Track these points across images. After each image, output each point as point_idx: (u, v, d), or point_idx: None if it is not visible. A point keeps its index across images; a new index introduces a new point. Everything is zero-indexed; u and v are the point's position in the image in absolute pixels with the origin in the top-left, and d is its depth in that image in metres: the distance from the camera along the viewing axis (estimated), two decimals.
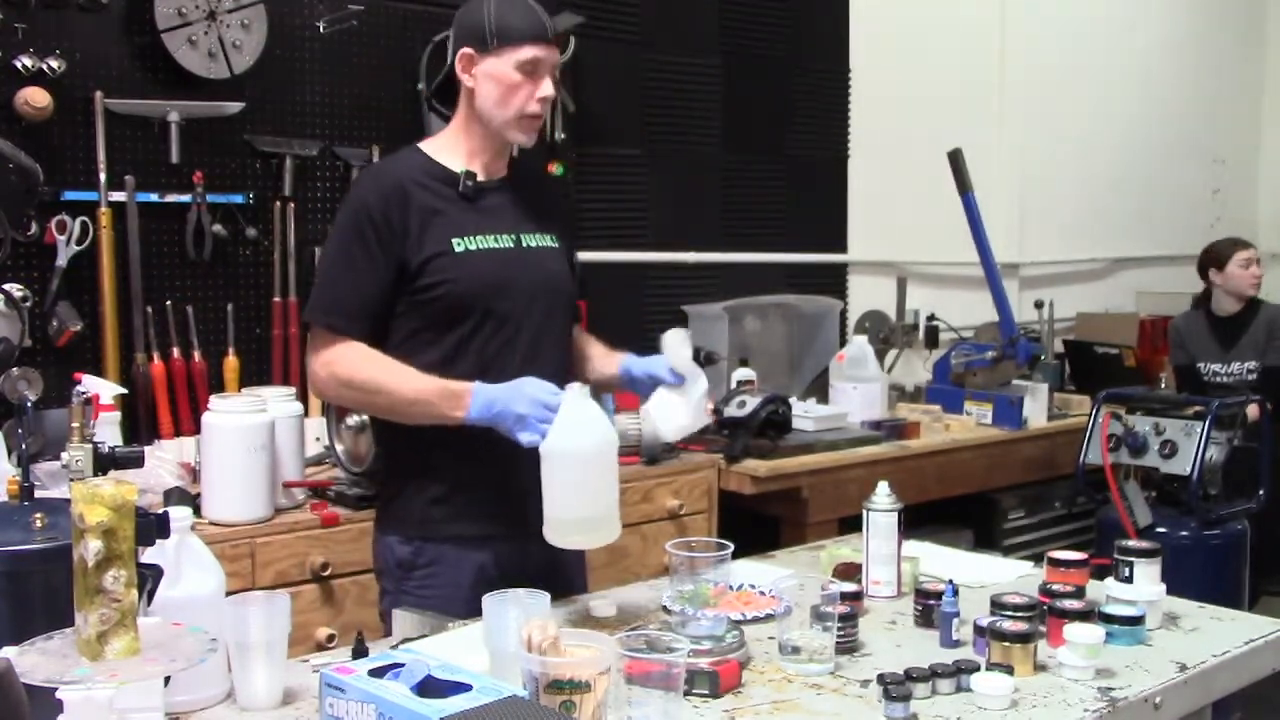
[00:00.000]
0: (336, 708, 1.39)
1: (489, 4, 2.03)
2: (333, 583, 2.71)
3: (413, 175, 2.06)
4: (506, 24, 2.01)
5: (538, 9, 2.04)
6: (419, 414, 1.96)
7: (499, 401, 1.89)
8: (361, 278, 1.99)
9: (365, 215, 2.00)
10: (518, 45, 2.01)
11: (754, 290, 4.34)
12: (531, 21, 2.02)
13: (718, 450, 3.48)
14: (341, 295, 2.00)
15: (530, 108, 2.04)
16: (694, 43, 4.23)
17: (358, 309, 1.98)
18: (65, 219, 2.88)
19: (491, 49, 2.02)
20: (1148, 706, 1.72)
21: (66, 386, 2.73)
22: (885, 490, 2.15)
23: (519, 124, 2.06)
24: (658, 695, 1.52)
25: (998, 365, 4.24)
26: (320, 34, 3.29)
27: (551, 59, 2.06)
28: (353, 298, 1.99)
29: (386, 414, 2.02)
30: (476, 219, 2.06)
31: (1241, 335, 4.59)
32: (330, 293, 2.01)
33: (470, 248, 2.03)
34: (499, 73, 2.02)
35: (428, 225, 2.01)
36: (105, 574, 1.34)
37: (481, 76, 2.04)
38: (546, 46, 2.04)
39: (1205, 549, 3.67)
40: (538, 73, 2.03)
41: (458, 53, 2.05)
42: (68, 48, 2.90)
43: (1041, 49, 5.45)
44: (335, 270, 2.02)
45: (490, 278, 2.03)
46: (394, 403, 1.97)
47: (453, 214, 2.04)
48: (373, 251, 1.98)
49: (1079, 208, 5.75)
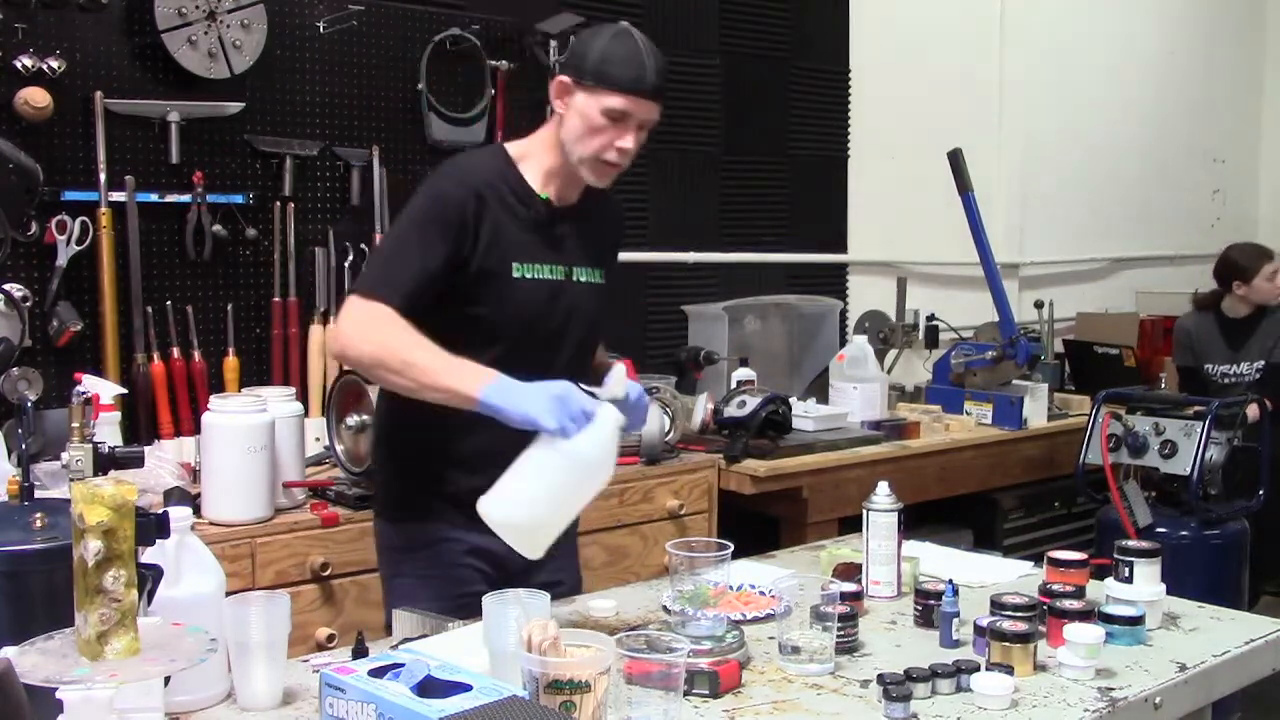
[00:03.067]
0: (336, 708, 1.39)
1: (601, 39, 2.00)
2: (333, 583, 2.71)
3: (494, 183, 2.03)
4: (607, 67, 1.98)
5: (648, 63, 2.00)
6: (438, 378, 1.86)
7: (521, 390, 1.81)
8: (425, 261, 1.96)
9: (444, 206, 1.98)
10: (611, 91, 1.97)
11: (754, 290, 4.35)
12: (633, 73, 1.98)
13: (718, 450, 3.48)
14: (399, 272, 1.96)
15: (607, 154, 2.01)
16: (694, 43, 4.24)
17: (411, 289, 1.94)
18: (65, 219, 2.88)
19: (586, 85, 1.99)
20: (1148, 706, 1.72)
21: (66, 386, 2.73)
22: (885, 490, 2.15)
23: (593, 165, 2.03)
24: (658, 695, 1.52)
25: (998, 365, 4.24)
26: (320, 34, 3.29)
27: (643, 114, 2.01)
28: (409, 277, 1.95)
29: (402, 375, 1.90)
30: (539, 245, 2.06)
31: (1251, 336, 4.59)
32: (389, 269, 1.97)
33: (526, 275, 2.04)
34: (586, 111, 2.00)
35: (496, 240, 2.00)
36: (105, 574, 1.34)
37: (571, 108, 2.02)
38: (641, 101, 1.99)
39: (1205, 549, 3.67)
40: (624, 123, 2.00)
41: (559, 74, 2.03)
42: (68, 48, 2.90)
43: (1041, 49, 5.45)
44: (401, 249, 1.99)
45: (534, 308, 2.04)
46: (417, 365, 1.87)
47: (520, 235, 2.03)
48: (442, 240, 1.96)
49: (1079, 208, 5.75)
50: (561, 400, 1.78)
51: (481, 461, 2.00)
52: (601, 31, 2.03)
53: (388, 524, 2.15)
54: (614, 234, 2.29)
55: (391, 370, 1.90)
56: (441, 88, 3.51)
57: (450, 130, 3.51)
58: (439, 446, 2.07)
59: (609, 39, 2.00)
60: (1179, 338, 4.79)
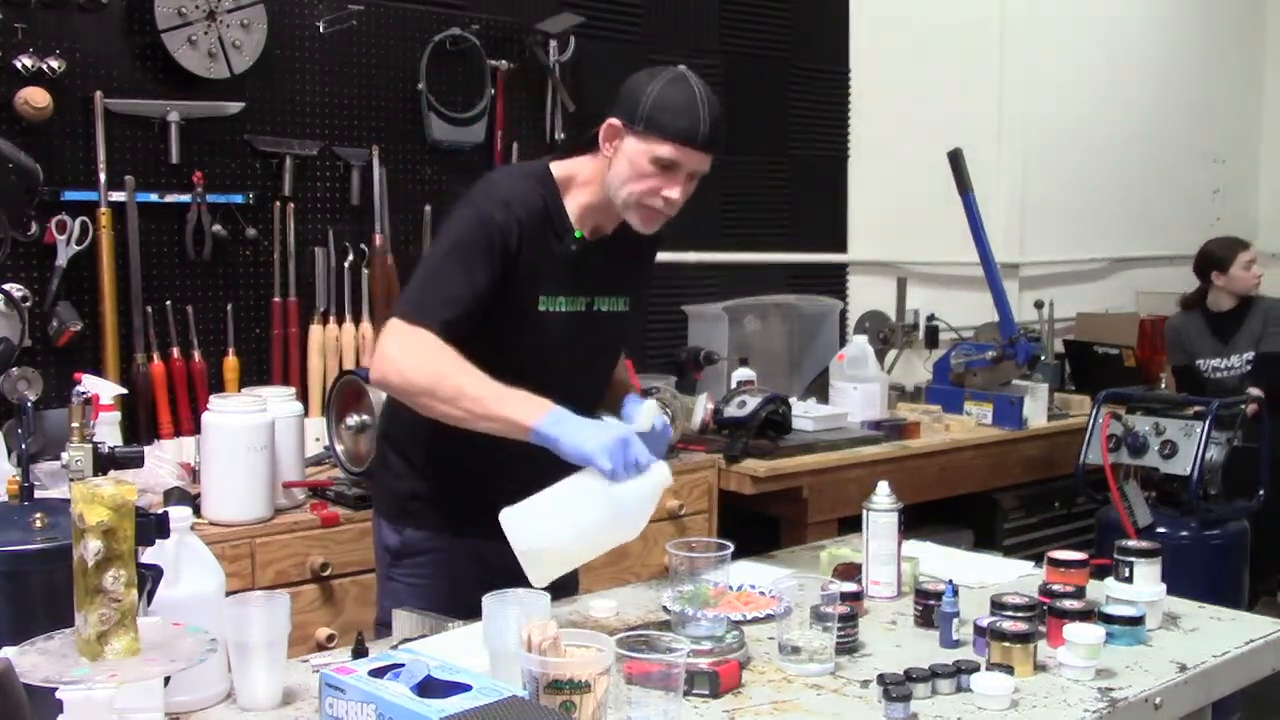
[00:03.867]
0: (336, 708, 1.39)
1: (656, 85, 1.93)
2: (333, 583, 2.71)
3: (537, 213, 1.98)
4: (660, 114, 1.91)
5: (703, 113, 1.92)
6: (491, 407, 1.83)
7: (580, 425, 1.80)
8: (469, 287, 1.91)
9: (489, 231, 1.93)
10: (661, 139, 1.91)
11: (754, 290, 4.35)
12: (686, 123, 1.91)
13: (718, 450, 3.48)
14: (442, 297, 1.91)
15: (652, 201, 1.96)
16: (694, 43, 4.23)
17: (455, 316, 1.90)
18: (65, 219, 2.88)
19: (637, 129, 1.92)
20: (1148, 706, 1.72)
21: (66, 386, 2.73)
22: (885, 490, 2.15)
23: (637, 210, 1.97)
24: (658, 695, 1.52)
25: (998, 365, 4.24)
26: (320, 34, 3.29)
27: (693, 165, 1.94)
28: (454, 302, 1.90)
29: (453, 404, 1.86)
30: (564, 278, 2.02)
31: (1239, 329, 4.61)
32: (432, 293, 1.92)
33: (550, 308, 2.01)
34: (635, 157, 1.93)
35: (529, 272, 1.97)
36: (105, 574, 1.34)
37: (619, 152, 1.95)
38: (691, 152, 1.92)
39: (1205, 549, 3.67)
40: (673, 172, 1.94)
41: (610, 116, 1.97)
42: (68, 48, 2.89)
43: (1041, 49, 5.45)
44: (445, 273, 1.93)
45: (554, 341, 2.02)
46: (469, 394, 1.84)
47: (549, 267, 2.00)
48: (486, 265, 1.92)
49: (1079, 208, 5.75)
50: (623, 445, 1.77)
51: (485, 473, 2.01)
52: (658, 75, 1.95)
53: (387, 526, 2.15)
54: (647, 261, 2.24)
55: (442, 399, 1.85)
56: (441, 88, 3.51)
57: (450, 130, 3.51)
58: (443, 454, 2.07)
59: (664, 83, 1.92)
60: (1170, 337, 4.82)
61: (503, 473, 1.92)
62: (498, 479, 1.92)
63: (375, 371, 1.91)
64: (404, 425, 2.11)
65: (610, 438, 1.77)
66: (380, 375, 1.90)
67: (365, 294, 3.35)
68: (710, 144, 1.94)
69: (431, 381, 1.85)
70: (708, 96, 1.94)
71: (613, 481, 1.75)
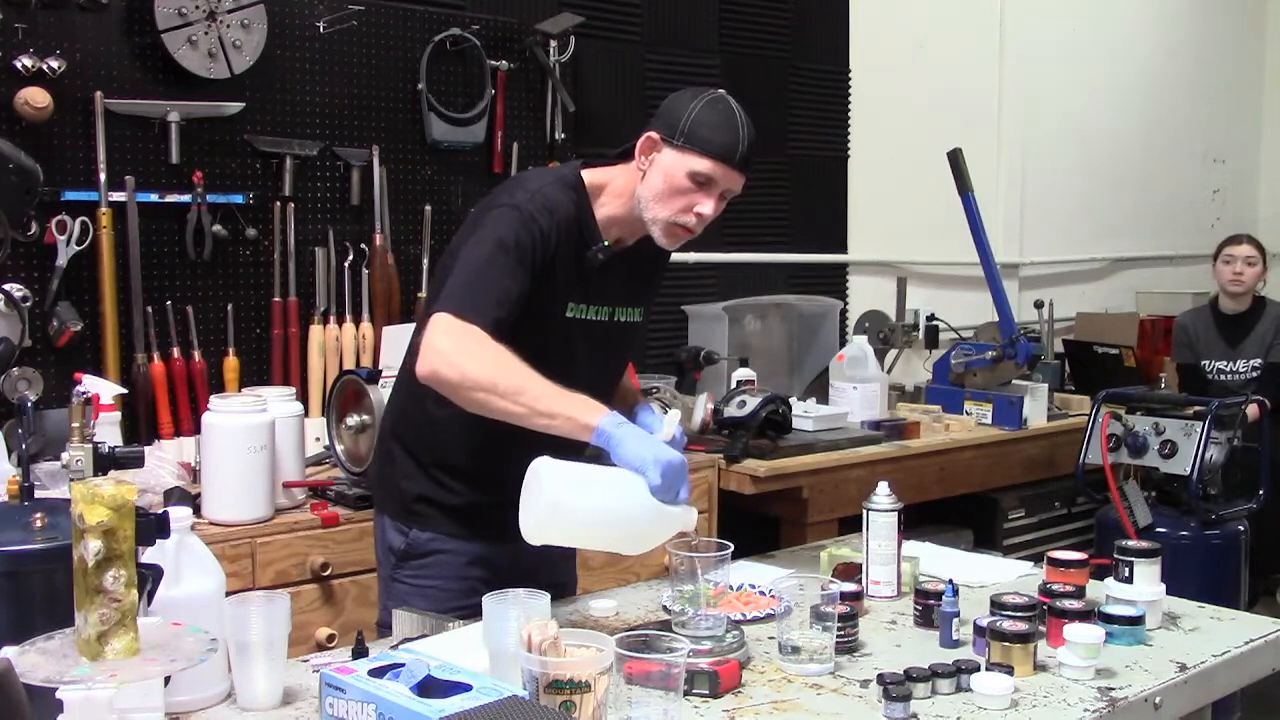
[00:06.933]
0: (336, 708, 1.39)
1: (697, 103, 1.97)
2: (333, 583, 2.71)
3: (571, 220, 2.00)
4: (699, 130, 1.95)
5: (741, 133, 1.97)
6: (553, 405, 1.83)
7: (641, 435, 1.83)
8: (513, 286, 1.92)
9: (530, 232, 1.94)
10: (699, 154, 1.95)
11: (754, 290, 4.35)
12: (726, 140, 1.95)
13: (718, 450, 3.48)
14: (488, 294, 1.90)
15: (683, 218, 1.99)
16: (694, 43, 4.23)
17: (501, 314, 1.90)
18: (65, 219, 2.88)
19: (675, 144, 1.96)
20: (1148, 706, 1.72)
21: (66, 386, 2.72)
22: (885, 490, 2.15)
23: (666, 227, 2.00)
24: (658, 695, 1.52)
25: (998, 365, 4.24)
26: (320, 34, 3.29)
27: (727, 183, 1.98)
28: (499, 300, 1.90)
29: (513, 400, 1.84)
30: (591, 286, 2.05)
31: (1248, 333, 4.60)
32: (479, 290, 1.91)
33: (576, 315, 2.03)
34: (671, 170, 1.96)
35: (563, 277, 1.99)
36: (105, 574, 1.34)
37: (655, 165, 1.98)
38: (728, 170, 1.96)
39: (1205, 549, 3.67)
40: (707, 188, 1.97)
41: (648, 131, 2.00)
42: (68, 48, 2.89)
43: (1041, 49, 5.45)
44: (490, 271, 1.92)
45: (578, 349, 2.04)
46: (530, 391, 1.83)
47: (577, 275, 2.02)
48: (526, 265, 1.93)
49: (1079, 208, 5.76)
50: (678, 472, 1.79)
51: (493, 477, 2.00)
52: (699, 94, 1.98)
53: (392, 526, 2.14)
54: (658, 276, 2.27)
55: (501, 394, 1.83)
56: (441, 88, 3.51)
57: (450, 130, 3.50)
58: (453, 458, 2.07)
59: (706, 102, 1.97)
60: (1178, 335, 4.81)
61: (511, 478, 1.92)
62: (506, 484, 1.92)
63: (425, 365, 1.87)
64: (412, 426, 2.11)
65: (670, 457, 1.79)
66: (431, 369, 1.86)
67: (365, 294, 3.35)
68: (745, 164, 1.99)
69: (491, 377, 1.83)
70: (746, 120, 1.99)
71: (654, 492, 1.77)
